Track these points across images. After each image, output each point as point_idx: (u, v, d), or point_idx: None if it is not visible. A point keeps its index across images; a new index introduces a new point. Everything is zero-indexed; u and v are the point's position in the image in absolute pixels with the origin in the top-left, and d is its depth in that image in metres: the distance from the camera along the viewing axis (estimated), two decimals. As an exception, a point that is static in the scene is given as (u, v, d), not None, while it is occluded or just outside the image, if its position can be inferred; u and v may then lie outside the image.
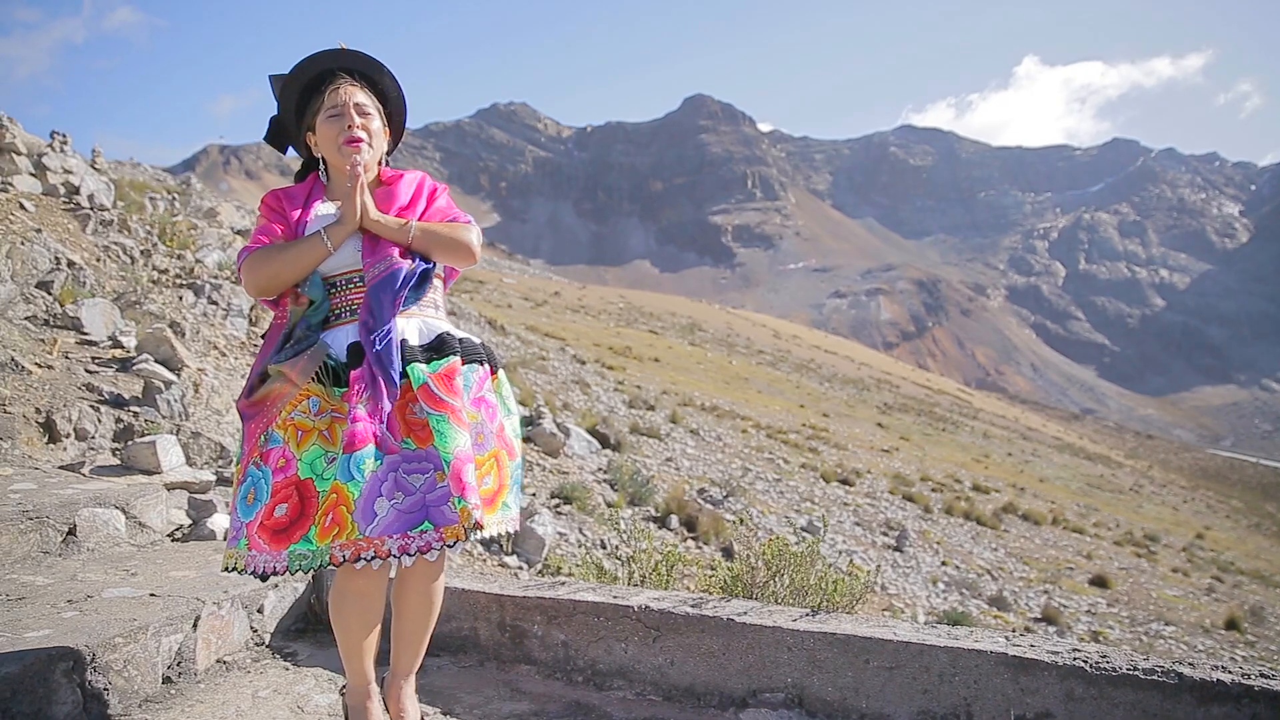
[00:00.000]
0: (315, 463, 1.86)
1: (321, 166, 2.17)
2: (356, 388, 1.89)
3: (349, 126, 2.06)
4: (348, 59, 2.15)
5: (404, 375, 1.95)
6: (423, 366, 1.96)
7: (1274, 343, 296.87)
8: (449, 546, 1.87)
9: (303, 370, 1.90)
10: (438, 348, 2.02)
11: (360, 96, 2.12)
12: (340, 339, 1.99)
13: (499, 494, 2.05)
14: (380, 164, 2.19)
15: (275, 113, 2.19)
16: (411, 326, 2.03)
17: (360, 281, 2.03)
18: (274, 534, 1.83)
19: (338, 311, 2.04)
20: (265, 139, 2.25)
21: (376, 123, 2.14)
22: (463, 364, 2.04)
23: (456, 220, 2.15)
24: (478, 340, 2.17)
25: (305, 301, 2.04)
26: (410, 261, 2.03)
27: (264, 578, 1.84)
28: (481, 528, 1.88)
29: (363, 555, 1.79)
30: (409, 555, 1.83)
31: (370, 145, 2.10)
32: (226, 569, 1.91)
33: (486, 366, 2.13)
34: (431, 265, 2.09)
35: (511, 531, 2.10)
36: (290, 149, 2.24)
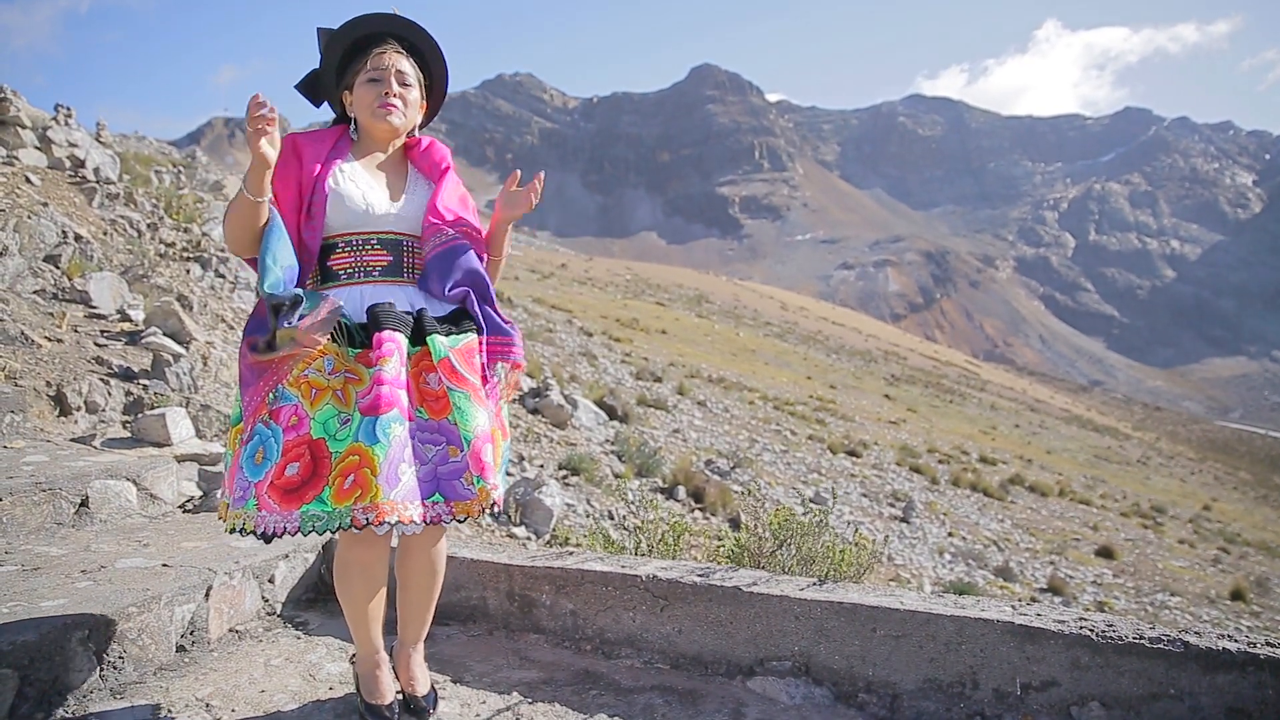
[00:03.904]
0: (329, 423, 1.84)
1: (353, 125, 2.14)
2: (382, 349, 1.86)
3: (385, 93, 2.05)
4: (398, 25, 2.12)
5: (422, 344, 1.95)
6: (443, 339, 1.95)
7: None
8: (459, 521, 1.90)
9: (318, 329, 1.82)
10: (455, 320, 2.03)
11: (403, 65, 2.10)
12: (356, 299, 1.97)
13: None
14: (411, 134, 2.19)
15: (317, 66, 2.15)
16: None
17: (378, 244, 2.02)
18: (285, 494, 1.79)
19: (350, 271, 2.02)
20: (297, 86, 2.17)
21: (415, 93, 2.13)
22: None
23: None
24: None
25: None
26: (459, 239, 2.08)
27: (268, 539, 1.79)
28: (498, 506, 1.94)
29: (386, 519, 1.75)
30: (418, 524, 1.85)
31: (403, 114, 2.09)
32: (232, 530, 1.84)
33: None
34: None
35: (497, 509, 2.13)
36: (324, 104, 2.19)
